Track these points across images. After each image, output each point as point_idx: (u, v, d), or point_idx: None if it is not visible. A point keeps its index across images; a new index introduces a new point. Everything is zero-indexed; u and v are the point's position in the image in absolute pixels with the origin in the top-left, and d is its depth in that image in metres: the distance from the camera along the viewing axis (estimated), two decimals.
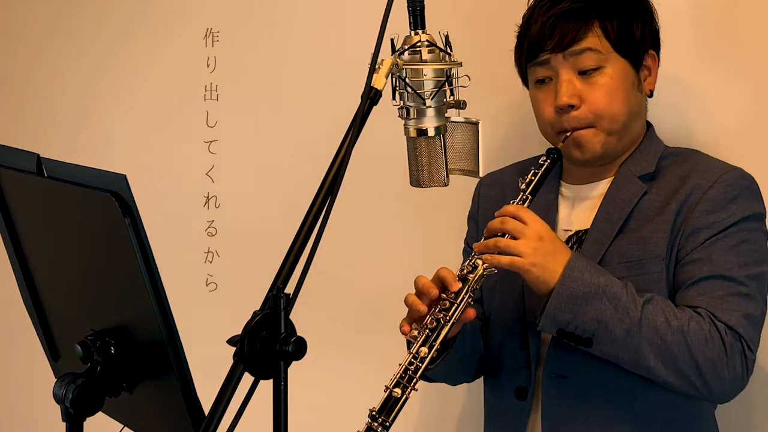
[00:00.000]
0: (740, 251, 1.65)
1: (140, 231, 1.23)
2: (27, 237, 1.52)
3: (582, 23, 1.71)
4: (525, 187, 1.71)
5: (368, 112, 1.33)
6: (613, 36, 1.72)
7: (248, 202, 2.55)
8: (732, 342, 1.59)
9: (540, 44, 1.73)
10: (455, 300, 1.63)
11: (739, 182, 1.69)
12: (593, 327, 1.59)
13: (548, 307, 1.60)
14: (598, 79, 1.72)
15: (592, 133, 1.73)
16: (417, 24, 1.46)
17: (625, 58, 1.73)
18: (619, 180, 1.77)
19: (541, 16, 1.73)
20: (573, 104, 1.71)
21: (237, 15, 2.54)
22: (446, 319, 1.62)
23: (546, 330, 1.64)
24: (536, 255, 1.60)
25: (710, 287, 1.63)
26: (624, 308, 1.58)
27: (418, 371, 1.60)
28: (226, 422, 1.16)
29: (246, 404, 1.17)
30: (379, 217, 2.39)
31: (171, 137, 2.63)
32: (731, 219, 1.66)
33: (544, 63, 1.74)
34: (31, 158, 1.41)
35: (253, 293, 1.30)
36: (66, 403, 1.34)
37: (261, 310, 1.19)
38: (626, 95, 1.73)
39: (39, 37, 2.79)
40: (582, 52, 1.71)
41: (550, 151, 1.73)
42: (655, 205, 1.71)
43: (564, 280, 1.59)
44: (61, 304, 1.54)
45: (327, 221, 1.24)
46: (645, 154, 1.78)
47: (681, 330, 1.57)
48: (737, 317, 1.60)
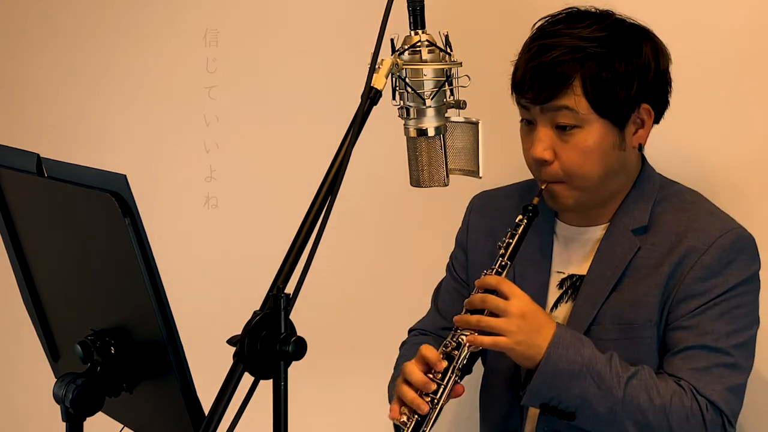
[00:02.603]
0: (731, 318, 1.64)
1: (140, 231, 1.23)
2: (27, 237, 1.52)
3: (561, 80, 1.64)
4: (504, 250, 1.67)
5: (368, 112, 1.33)
6: (592, 97, 1.64)
7: (248, 202, 2.55)
8: (713, 417, 1.60)
9: (521, 91, 1.70)
10: (441, 381, 1.60)
11: (735, 246, 1.66)
12: (577, 403, 1.59)
13: (532, 385, 1.59)
14: (573, 138, 1.66)
15: (564, 187, 1.70)
16: (417, 24, 1.46)
17: (606, 119, 1.66)
18: (612, 232, 1.73)
19: (526, 62, 1.68)
20: (546, 159, 1.68)
21: (237, 15, 2.54)
22: (435, 403, 1.60)
23: (529, 404, 1.65)
24: (520, 333, 1.58)
25: (695, 357, 1.63)
26: (607, 387, 1.58)
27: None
28: (226, 422, 1.17)
29: (246, 404, 1.17)
30: (379, 217, 2.39)
31: (171, 137, 2.63)
32: (724, 286, 1.64)
33: (526, 108, 1.71)
34: (31, 158, 1.41)
35: (254, 293, 1.30)
36: (66, 403, 1.35)
37: (261, 310, 1.19)
38: (602, 157, 1.67)
39: (39, 37, 2.78)
40: (558, 109, 1.65)
41: (526, 209, 1.69)
42: (649, 264, 1.69)
43: (548, 358, 1.58)
44: (61, 304, 1.54)
45: (327, 221, 1.24)
46: (638, 203, 1.74)
47: (663, 408, 1.58)
48: (720, 391, 1.61)
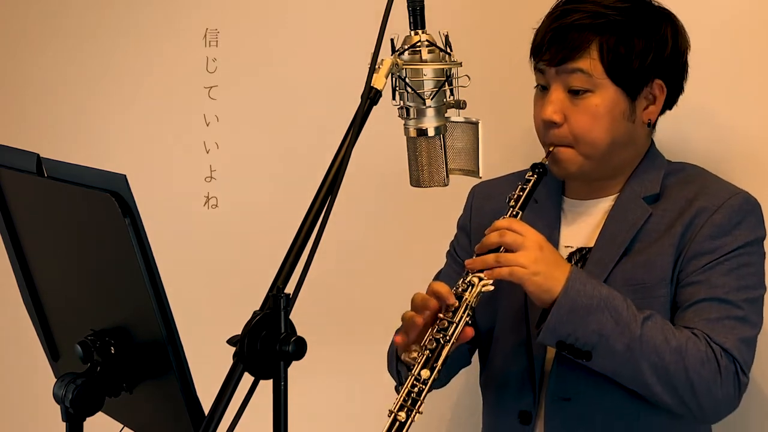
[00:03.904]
0: (739, 275, 1.65)
1: (140, 231, 1.23)
2: (27, 237, 1.52)
3: (579, 42, 1.67)
4: (514, 203, 1.69)
5: (368, 112, 1.33)
6: (607, 61, 1.67)
7: (248, 202, 2.55)
8: (726, 364, 1.59)
9: (539, 53, 1.73)
10: (453, 319, 1.60)
11: (744, 207, 1.69)
12: (594, 340, 1.57)
13: (550, 319, 1.58)
14: (584, 102, 1.69)
15: (571, 152, 1.71)
16: (417, 24, 1.46)
17: (618, 86, 1.69)
18: (624, 200, 1.75)
19: (547, 25, 1.72)
20: (555, 121, 1.70)
21: (237, 15, 2.54)
22: (446, 339, 1.58)
23: (545, 341, 1.62)
24: (538, 264, 1.59)
25: (707, 309, 1.63)
26: (625, 323, 1.57)
27: (421, 393, 1.56)
28: (226, 422, 1.17)
29: (246, 404, 1.17)
30: (379, 217, 2.39)
31: (171, 137, 2.63)
32: (734, 244, 1.66)
33: (541, 71, 1.74)
34: (31, 158, 1.41)
35: (253, 294, 1.30)
36: (66, 403, 1.34)
37: (261, 310, 1.19)
38: (611, 124, 1.69)
39: (39, 37, 2.78)
40: (573, 71, 1.68)
41: (535, 166, 1.71)
42: (660, 228, 1.70)
43: (567, 290, 1.57)
44: (61, 304, 1.54)
45: (327, 221, 1.24)
46: (648, 174, 1.76)
47: (679, 350, 1.57)
48: (732, 340, 1.61)
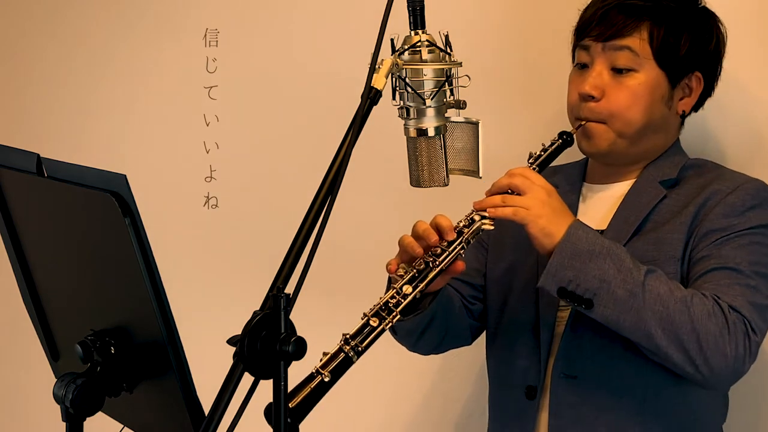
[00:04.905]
0: (751, 250, 1.63)
1: (140, 231, 1.23)
2: (27, 237, 1.52)
3: (631, 21, 1.70)
4: (533, 160, 1.71)
5: (368, 112, 1.33)
6: (656, 43, 1.70)
7: (248, 202, 2.55)
8: (735, 320, 1.54)
9: (587, 29, 1.74)
10: (447, 248, 1.60)
11: (759, 193, 1.69)
12: (595, 286, 1.55)
13: (550, 263, 1.57)
14: (627, 80, 1.72)
15: (603, 129, 1.73)
16: (417, 24, 1.46)
17: (662, 69, 1.72)
18: (640, 183, 1.76)
19: (599, 2, 1.74)
20: (594, 95, 1.72)
21: (237, 15, 2.54)
22: (435, 264, 1.59)
23: (546, 287, 1.59)
24: (543, 207, 1.59)
25: (717, 277, 1.60)
26: (627, 269, 1.55)
27: (398, 306, 1.57)
28: (226, 422, 1.17)
29: (246, 404, 1.17)
30: (379, 217, 2.39)
31: (171, 137, 2.63)
32: (746, 224, 1.64)
33: (585, 48, 1.75)
34: (31, 158, 1.41)
35: (254, 294, 1.30)
36: (66, 403, 1.34)
37: (261, 310, 1.19)
38: (650, 105, 1.72)
39: (39, 37, 2.78)
40: (620, 49, 1.71)
41: (562, 133, 1.74)
42: (673, 209, 1.70)
43: (569, 235, 1.57)
44: (61, 304, 1.54)
45: (327, 221, 1.24)
46: (669, 162, 1.78)
47: (684, 301, 1.54)
48: (741, 301, 1.57)
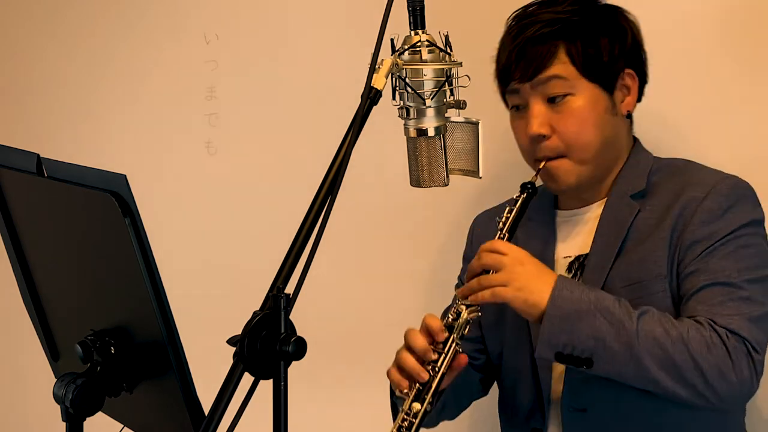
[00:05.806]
0: (738, 257, 1.61)
1: (140, 231, 1.23)
2: (27, 237, 1.52)
3: (547, 50, 1.67)
4: (502, 225, 1.68)
5: (368, 112, 1.33)
6: (578, 61, 1.68)
7: (248, 203, 2.55)
8: (735, 345, 1.53)
9: (509, 73, 1.71)
10: (442, 350, 1.60)
11: (734, 191, 1.66)
12: (591, 345, 1.54)
13: (542, 332, 1.56)
14: (566, 107, 1.69)
15: (565, 163, 1.71)
16: (417, 24, 1.46)
17: (595, 83, 1.69)
18: (612, 201, 1.74)
19: (509, 45, 1.71)
20: (544, 134, 1.69)
21: (237, 15, 2.54)
22: (435, 372, 1.59)
23: (544, 355, 1.59)
24: (520, 279, 1.57)
25: (709, 295, 1.59)
26: (619, 321, 1.54)
27: (412, 427, 1.57)
28: (226, 422, 1.17)
29: (246, 404, 1.17)
30: (379, 217, 2.39)
31: (171, 137, 2.63)
32: (728, 228, 1.62)
33: (515, 91, 1.72)
34: (31, 158, 1.41)
35: (254, 294, 1.30)
36: (66, 403, 1.35)
37: (261, 310, 1.19)
38: (598, 122, 1.69)
39: (39, 37, 2.78)
40: (548, 80, 1.68)
41: (524, 186, 1.70)
42: (650, 223, 1.68)
43: (554, 300, 1.55)
44: (61, 304, 1.54)
45: (327, 221, 1.24)
46: (634, 171, 1.75)
47: (681, 338, 1.53)
48: (738, 320, 1.55)
